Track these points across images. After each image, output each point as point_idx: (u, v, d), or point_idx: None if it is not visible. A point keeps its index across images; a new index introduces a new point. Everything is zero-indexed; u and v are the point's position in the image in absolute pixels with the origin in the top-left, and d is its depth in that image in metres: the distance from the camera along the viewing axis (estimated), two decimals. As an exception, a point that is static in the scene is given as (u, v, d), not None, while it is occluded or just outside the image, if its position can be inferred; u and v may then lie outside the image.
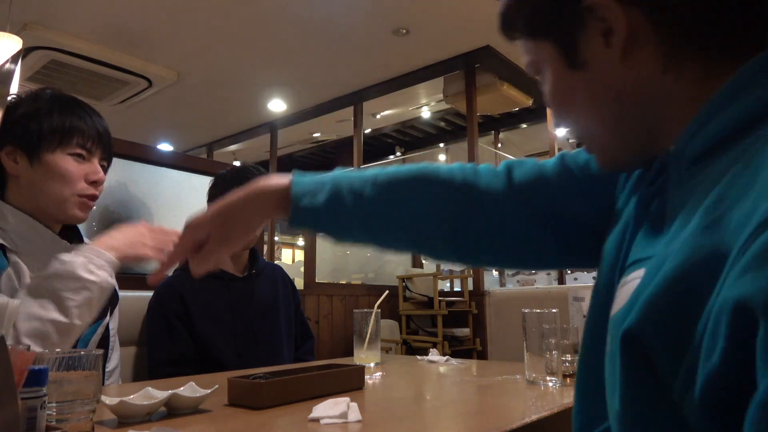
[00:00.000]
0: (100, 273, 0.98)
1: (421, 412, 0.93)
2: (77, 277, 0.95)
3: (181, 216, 1.98)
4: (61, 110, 1.07)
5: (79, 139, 1.08)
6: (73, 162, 1.08)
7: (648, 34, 0.44)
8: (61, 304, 0.93)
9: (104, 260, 1.00)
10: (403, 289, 3.72)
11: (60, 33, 3.82)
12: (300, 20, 3.71)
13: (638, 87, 0.46)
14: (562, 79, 0.51)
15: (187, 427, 0.75)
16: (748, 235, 0.31)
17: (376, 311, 1.42)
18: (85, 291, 0.95)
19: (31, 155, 1.05)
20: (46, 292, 0.93)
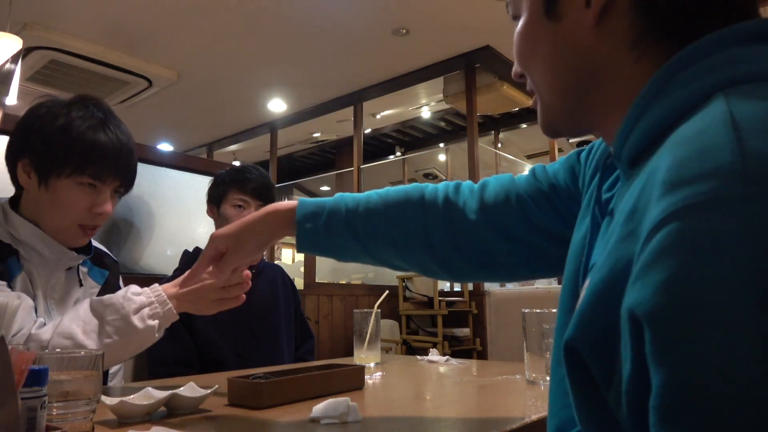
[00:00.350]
0: (151, 322, 0.98)
1: (421, 412, 0.93)
2: (127, 321, 0.96)
3: (181, 216, 1.98)
4: (83, 135, 1.00)
5: (93, 171, 1.02)
6: (81, 192, 1.03)
7: (626, 6, 0.43)
8: (98, 335, 0.94)
9: (162, 310, 1.00)
10: (403, 289, 3.72)
11: (60, 33, 3.82)
12: (300, 20, 3.71)
13: (601, 57, 0.45)
14: (534, 25, 0.49)
15: (187, 427, 0.75)
16: (642, 244, 0.31)
17: (376, 311, 1.42)
18: (126, 336, 0.96)
19: (41, 176, 1.01)
20: (95, 317, 0.95)
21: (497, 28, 3.81)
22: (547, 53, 0.49)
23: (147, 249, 1.91)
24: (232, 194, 1.62)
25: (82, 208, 1.03)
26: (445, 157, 7.33)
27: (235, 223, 0.83)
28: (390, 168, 7.55)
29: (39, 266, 1.03)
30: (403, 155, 7.23)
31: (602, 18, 0.44)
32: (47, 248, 1.04)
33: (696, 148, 0.31)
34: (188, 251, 1.65)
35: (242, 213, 1.60)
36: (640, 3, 0.42)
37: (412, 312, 3.69)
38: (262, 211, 0.81)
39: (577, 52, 0.46)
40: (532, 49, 0.50)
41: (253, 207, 1.62)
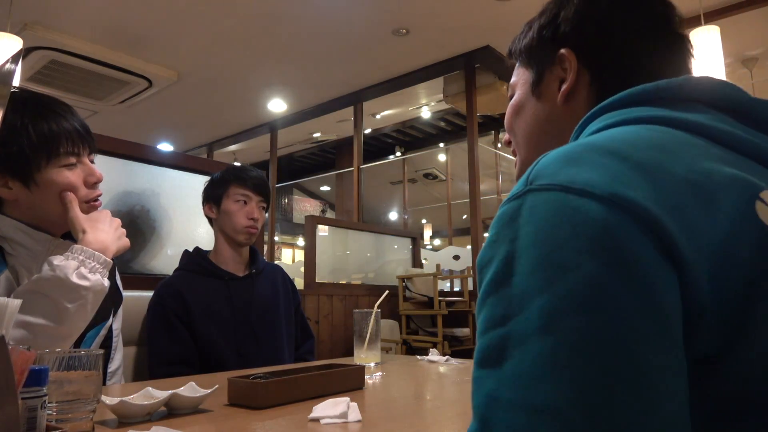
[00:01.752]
0: (94, 277, 0.95)
1: (421, 412, 0.93)
2: (70, 284, 0.91)
3: (181, 216, 1.98)
4: (35, 120, 0.98)
5: (65, 147, 1.00)
6: (68, 173, 1.01)
7: (585, 94, 0.59)
8: (52, 310, 0.90)
9: (98, 262, 0.97)
10: (403, 289, 3.72)
11: (60, 33, 3.82)
12: (300, 20, 3.71)
13: (566, 122, 0.59)
14: (524, 98, 0.66)
15: (187, 427, 0.75)
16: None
17: (376, 311, 1.42)
18: (80, 299, 0.92)
19: (23, 178, 0.98)
20: (37, 297, 0.90)
21: (497, 28, 3.80)
22: (529, 119, 0.65)
23: (147, 249, 1.91)
24: (234, 190, 1.62)
25: (77, 186, 1.02)
26: (445, 157, 7.33)
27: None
28: (390, 168, 7.55)
29: (28, 261, 1.00)
30: (403, 155, 7.23)
31: (567, 99, 0.60)
32: (30, 239, 1.01)
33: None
34: (188, 251, 1.66)
35: (245, 208, 1.61)
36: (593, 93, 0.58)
37: (412, 312, 3.69)
38: None
39: (549, 119, 0.62)
40: (520, 117, 0.66)
41: (254, 202, 1.63)
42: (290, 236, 10.70)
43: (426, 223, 10.32)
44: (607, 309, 0.34)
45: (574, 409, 0.32)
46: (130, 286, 1.54)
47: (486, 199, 5.95)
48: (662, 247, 0.35)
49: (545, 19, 0.63)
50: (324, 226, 3.67)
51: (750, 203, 0.38)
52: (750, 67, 4.23)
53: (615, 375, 0.33)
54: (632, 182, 0.37)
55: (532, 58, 0.64)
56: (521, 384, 0.34)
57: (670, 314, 0.35)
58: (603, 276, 0.34)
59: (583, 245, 0.35)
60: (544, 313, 0.35)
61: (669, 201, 0.37)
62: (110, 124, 5.32)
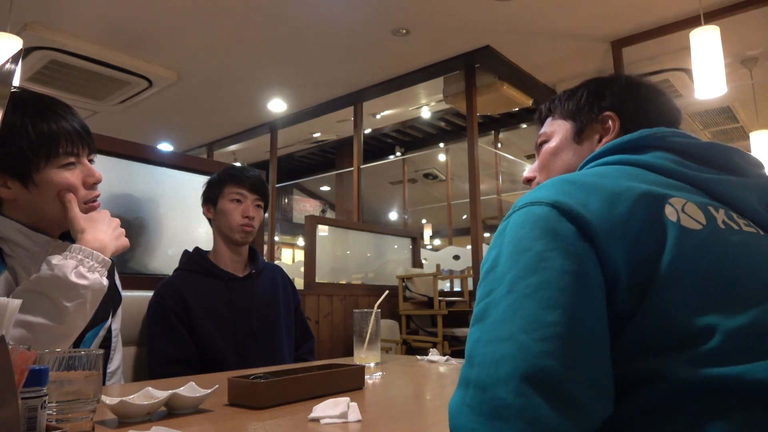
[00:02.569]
0: (92, 276, 0.95)
1: (421, 412, 0.93)
2: (69, 283, 0.91)
3: (181, 216, 1.98)
4: (35, 119, 0.98)
5: (64, 147, 1.00)
6: (67, 173, 1.01)
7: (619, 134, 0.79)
8: (52, 309, 0.90)
9: (96, 261, 0.97)
10: (403, 289, 3.71)
11: (60, 33, 3.82)
12: (300, 20, 3.71)
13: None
14: (565, 144, 0.84)
15: (187, 427, 0.75)
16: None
17: (376, 311, 1.42)
18: (79, 297, 0.92)
19: (22, 178, 0.98)
20: (36, 296, 0.90)
21: (497, 28, 3.80)
22: (569, 159, 0.83)
23: (147, 249, 1.91)
24: (229, 189, 1.62)
25: (77, 187, 1.02)
26: (445, 157, 7.32)
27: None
28: (390, 168, 7.55)
29: (27, 262, 1.00)
30: (403, 155, 7.22)
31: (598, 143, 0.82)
32: (29, 240, 1.01)
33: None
34: (188, 251, 1.66)
35: (240, 207, 1.61)
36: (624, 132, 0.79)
37: (412, 312, 3.69)
38: None
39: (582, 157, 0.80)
40: (558, 157, 0.85)
41: (249, 200, 1.63)
42: (290, 236, 10.70)
43: (426, 223, 10.31)
44: (546, 269, 0.52)
45: (523, 332, 0.49)
46: (130, 286, 1.54)
47: (486, 199, 5.95)
48: (582, 231, 0.54)
49: (592, 90, 0.84)
50: (324, 226, 3.67)
51: (659, 207, 0.56)
52: (750, 67, 4.23)
53: (547, 309, 0.50)
54: (570, 194, 0.57)
55: (577, 115, 0.84)
56: (493, 328, 0.52)
57: (589, 276, 0.52)
58: (545, 251, 0.53)
59: (535, 233, 0.55)
60: (510, 281, 0.53)
61: (592, 204, 0.55)
62: (110, 124, 5.32)
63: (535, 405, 0.46)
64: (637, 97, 0.82)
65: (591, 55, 4.18)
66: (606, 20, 3.69)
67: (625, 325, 0.52)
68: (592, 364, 0.49)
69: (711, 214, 0.58)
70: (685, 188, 0.61)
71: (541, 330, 0.49)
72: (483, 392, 0.48)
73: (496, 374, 0.48)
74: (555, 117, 0.88)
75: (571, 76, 4.56)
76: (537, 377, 0.47)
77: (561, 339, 0.48)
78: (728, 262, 0.54)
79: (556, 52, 4.15)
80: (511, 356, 0.48)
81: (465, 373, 0.52)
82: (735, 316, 0.50)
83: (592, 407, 0.48)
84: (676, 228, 0.54)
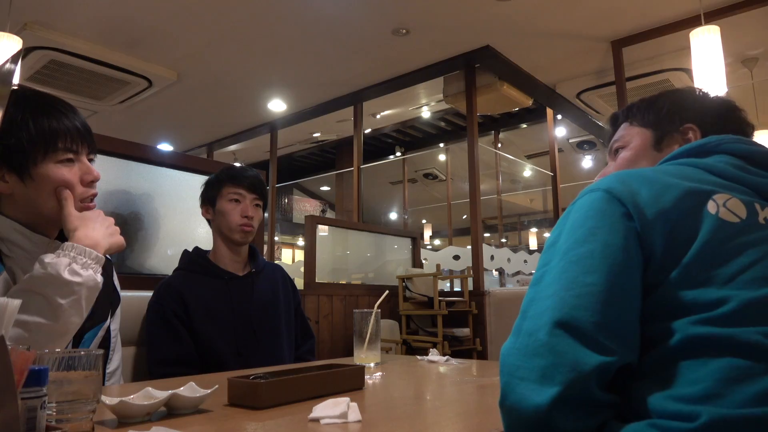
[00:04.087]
0: (86, 272, 0.95)
1: (421, 412, 0.93)
2: (62, 281, 0.91)
3: (181, 216, 1.98)
4: (36, 115, 0.98)
5: (63, 143, 1.00)
6: (65, 169, 1.01)
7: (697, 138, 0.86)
8: (47, 307, 0.90)
9: (89, 258, 0.97)
10: (403, 289, 3.71)
11: (60, 33, 3.82)
12: (300, 20, 3.71)
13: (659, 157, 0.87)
14: (644, 152, 0.90)
15: (187, 427, 0.74)
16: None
17: (376, 311, 1.42)
18: (73, 294, 0.92)
19: (19, 172, 0.98)
20: (30, 296, 0.89)
21: (497, 28, 3.80)
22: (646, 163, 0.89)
23: (147, 249, 1.91)
24: (227, 189, 1.62)
25: (74, 183, 1.02)
26: (445, 157, 7.33)
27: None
28: (390, 168, 7.55)
29: (25, 262, 1.00)
30: (403, 155, 7.23)
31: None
32: (28, 241, 1.01)
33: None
34: (188, 251, 1.66)
35: (238, 206, 1.61)
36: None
37: (412, 312, 3.69)
38: None
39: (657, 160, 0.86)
40: (637, 164, 0.90)
41: (248, 200, 1.63)
42: (290, 236, 10.70)
43: (426, 223, 10.32)
44: (592, 242, 0.63)
45: (563, 289, 0.60)
46: (130, 286, 1.53)
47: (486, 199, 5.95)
48: (629, 212, 0.64)
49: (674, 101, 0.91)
50: (324, 226, 3.67)
51: (702, 201, 0.64)
52: (750, 67, 4.23)
53: (588, 272, 0.60)
54: (625, 183, 0.67)
55: (658, 125, 0.90)
56: (544, 288, 0.63)
57: (629, 249, 0.62)
58: (594, 227, 0.64)
59: (589, 214, 0.66)
60: (563, 251, 0.64)
61: (643, 192, 0.65)
62: (110, 124, 5.32)
63: (564, 343, 0.56)
64: (718, 112, 0.89)
65: (591, 55, 4.18)
66: (606, 20, 3.69)
67: (651, 293, 0.61)
68: (620, 318, 0.59)
69: (754, 209, 0.65)
70: (736, 188, 0.68)
71: (578, 288, 0.59)
72: (529, 337, 0.59)
73: (539, 323, 0.59)
74: (633, 124, 0.94)
75: (571, 76, 4.56)
76: (569, 323, 0.57)
77: (594, 296, 0.58)
78: (755, 247, 0.62)
79: (556, 52, 4.15)
80: (551, 308, 0.59)
81: (518, 324, 0.63)
82: (750, 290, 0.58)
83: (614, 350, 0.57)
84: (713, 219, 0.63)
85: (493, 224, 8.33)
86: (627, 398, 0.59)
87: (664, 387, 0.57)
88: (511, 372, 0.59)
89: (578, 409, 0.55)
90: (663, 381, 0.58)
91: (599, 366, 0.55)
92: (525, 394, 0.56)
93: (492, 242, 8.32)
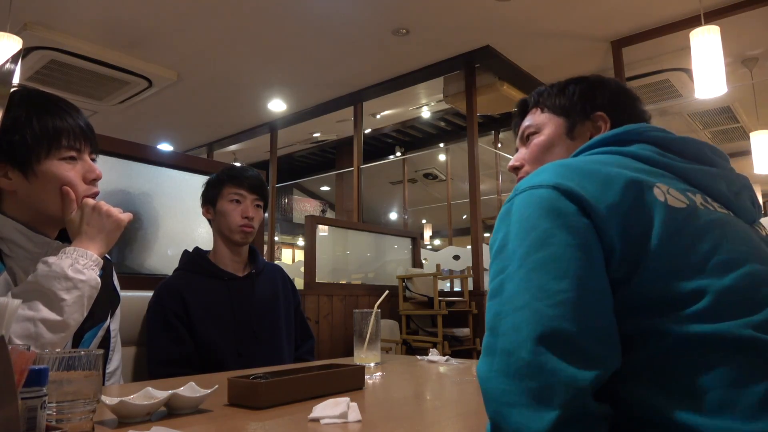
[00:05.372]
0: (88, 272, 0.98)
1: (421, 412, 0.93)
2: (67, 277, 0.95)
3: (181, 216, 1.98)
4: (40, 113, 1.01)
5: (66, 141, 1.02)
6: (67, 166, 1.03)
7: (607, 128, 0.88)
8: (52, 302, 0.93)
9: (90, 260, 1.00)
10: (403, 289, 3.71)
11: (60, 33, 3.82)
12: (300, 20, 3.71)
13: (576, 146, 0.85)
14: (557, 138, 0.90)
15: (187, 427, 0.75)
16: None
17: (376, 311, 1.42)
18: (76, 290, 0.95)
19: (23, 168, 0.99)
20: (36, 293, 0.92)
21: (497, 28, 3.80)
22: (562, 154, 0.88)
23: (147, 249, 1.91)
24: (228, 190, 1.62)
25: (76, 180, 1.04)
26: (445, 157, 7.32)
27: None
28: (390, 168, 7.54)
29: (25, 263, 1.01)
30: (403, 155, 7.22)
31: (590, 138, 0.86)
32: (29, 241, 1.02)
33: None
34: (188, 251, 1.65)
35: (239, 207, 1.61)
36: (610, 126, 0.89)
37: (412, 312, 3.69)
38: None
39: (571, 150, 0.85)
40: (550, 152, 0.89)
41: (248, 200, 1.63)
42: (290, 236, 10.70)
43: (426, 223, 10.31)
44: (552, 245, 0.59)
45: (536, 300, 0.56)
46: (130, 286, 1.53)
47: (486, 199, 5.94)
48: (582, 209, 0.61)
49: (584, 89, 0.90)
50: (324, 226, 3.67)
51: (646, 190, 0.63)
52: (750, 67, 4.23)
53: (557, 279, 0.57)
54: (568, 177, 0.63)
55: (570, 112, 0.90)
56: (509, 300, 0.59)
57: (591, 246, 0.59)
58: (550, 228, 0.60)
59: (540, 213, 0.61)
60: (520, 257, 0.60)
61: (588, 186, 0.62)
62: (110, 124, 5.32)
63: (553, 361, 0.53)
64: (625, 101, 0.90)
65: (591, 55, 4.18)
66: (606, 20, 3.69)
67: (619, 289, 0.59)
68: (599, 322, 0.56)
69: (690, 197, 0.66)
70: (667, 175, 0.69)
71: (552, 297, 0.56)
72: (508, 357, 0.55)
73: (517, 339, 0.55)
74: (544, 110, 0.93)
75: (571, 76, 4.55)
76: (552, 337, 0.54)
77: (570, 303, 0.55)
78: (709, 233, 0.62)
79: (556, 52, 4.15)
80: (527, 322, 0.55)
81: (489, 342, 0.58)
82: (721, 278, 0.58)
83: (603, 358, 0.55)
84: (663, 206, 0.62)
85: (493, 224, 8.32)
86: (619, 403, 0.57)
87: (669, 395, 0.55)
88: (497, 398, 0.55)
89: (579, 428, 0.53)
90: (664, 386, 0.55)
91: (595, 380, 0.53)
92: (521, 423, 0.53)
93: (492, 242, 8.30)
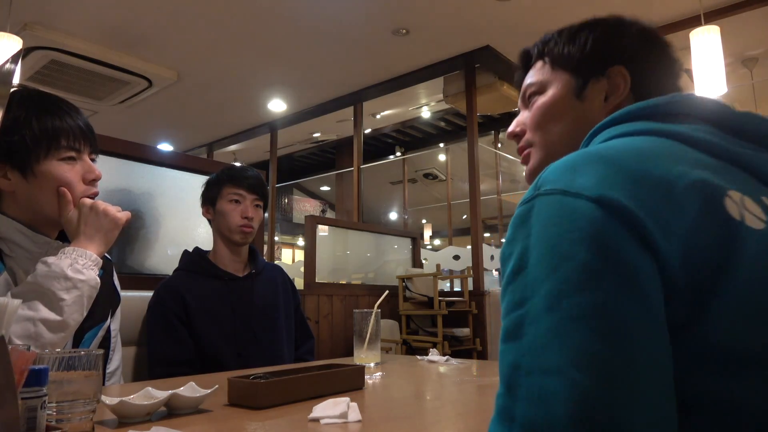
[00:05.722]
0: (88, 272, 0.98)
1: (421, 412, 0.93)
2: (66, 277, 0.95)
3: (181, 216, 1.98)
4: (40, 114, 1.01)
5: (66, 141, 1.02)
6: (67, 167, 1.03)
7: (627, 101, 0.68)
8: (51, 302, 0.93)
9: (89, 260, 1.00)
10: (403, 289, 3.71)
11: (60, 33, 3.82)
12: (300, 20, 3.71)
13: (596, 119, 0.65)
14: (563, 100, 0.72)
15: (187, 427, 0.75)
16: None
17: (376, 311, 1.42)
18: (75, 290, 0.95)
19: (22, 169, 0.99)
20: (35, 293, 0.92)
21: (497, 28, 3.80)
22: (571, 121, 0.71)
23: (147, 249, 1.90)
24: (227, 190, 1.62)
25: (76, 181, 1.04)
26: (445, 157, 7.33)
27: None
28: (390, 168, 7.55)
29: (25, 263, 1.01)
30: (403, 155, 7.23)
31: (609, 102, 0.69)
32: (29, 241, 1.02)
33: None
34: (188, 251, 1.66)
35: (238, 207, 1.61)
36: (634, 93, 0.69)
37: (412, 312, 3.69)
38: None
39: (591, 122, 0.66)
40: (556, 117, 0.72)
41: (248, 201, 1.63)
42: (290, 236, 10.70)
43: (426, 223, 10.31)
44: (597, 289, 0.42)
45: (574, 368, 0.40)
46: (130, 286, 1.53)
47: (486, 199, 5.95)
48: (640, 238, 0.43)
49: (599, 37, 0.71)
50: (324, 226, 3.67)
51: (717, 200, 0.46)
52: (750, 67, 4.23)
53: (603, 340, 0.40)
54: (616, 185, 0.45)
55: (580, 66, 0.71)
56: (535, 353, 0.43)
57: (649, 292, 0.42)
58: (593, 262, 0.42)
59: (578, 237, 0.43)
60: (549, 295, 0.43)
61: (645, 201, 0.44)
62: (110, 124, 5.32)
63: None
64: (651, 50, 0.71)
65: (591, 55, 4.18)
66: (606, 20, 3.69)
67: (678, 336, 0.43)
68: (658, 407, 0.41)
69: (765, 205, 0.48)
70: (734, 171, 0.51)
71: (598, 367, 0.40)
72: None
73: (547, 416, 0.40)
74: (549, 64, 0.75)
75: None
76: (598, 425, 0.39)
77: (623, 380, 0.40)
78: None
79: (556, 52, 4.15)
80: (563, 396, 0.40)
81: (506, 404, 0.44)
82: None
83: None
84: (743, 229, 0.45)
85: (493, 224, 8.33)
86: None
87: None
88: None
89: None
90: None
91: None
92: None
93: (492, 242, 8.32)
